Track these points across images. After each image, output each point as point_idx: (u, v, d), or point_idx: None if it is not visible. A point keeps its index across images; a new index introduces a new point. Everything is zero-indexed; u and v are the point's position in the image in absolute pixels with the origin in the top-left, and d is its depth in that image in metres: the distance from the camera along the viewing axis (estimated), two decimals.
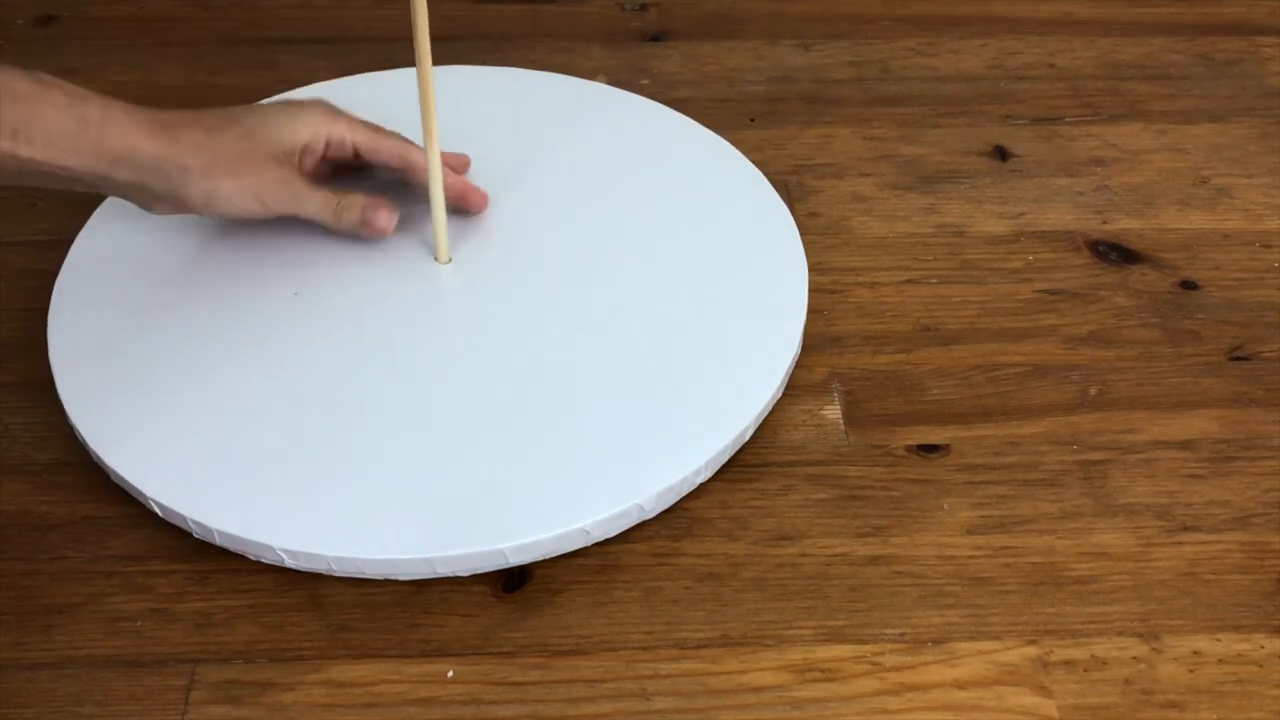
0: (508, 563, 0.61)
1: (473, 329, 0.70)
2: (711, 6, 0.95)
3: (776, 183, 0.78)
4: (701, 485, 0.65)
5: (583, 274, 0.72)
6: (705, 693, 0.58)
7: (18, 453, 0.67)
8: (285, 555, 0.60)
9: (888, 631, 0.60)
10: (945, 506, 0.65)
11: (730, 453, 0.66)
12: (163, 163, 0.65)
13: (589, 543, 0.62)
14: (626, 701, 0.58)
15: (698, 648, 0.60)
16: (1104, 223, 0.79)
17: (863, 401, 0.70)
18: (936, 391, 0.70)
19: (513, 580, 0.62)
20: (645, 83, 0.88)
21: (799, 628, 0.60)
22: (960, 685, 0.58)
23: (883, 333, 0.73)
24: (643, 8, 0.95)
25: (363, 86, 0.83)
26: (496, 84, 0.84)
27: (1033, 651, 0.59)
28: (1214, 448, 0.67)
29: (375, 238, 0.72)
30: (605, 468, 0.63)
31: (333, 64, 0.88)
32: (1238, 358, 0.72)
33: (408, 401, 0.66)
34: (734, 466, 0.66)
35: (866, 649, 0.60)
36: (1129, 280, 0.76)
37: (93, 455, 0.64)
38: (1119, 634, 0.60)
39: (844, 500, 0.65)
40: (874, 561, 0.63)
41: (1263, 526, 0.64)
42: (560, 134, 0.80)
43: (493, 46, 0.91)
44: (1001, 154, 0.84)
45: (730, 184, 0.78)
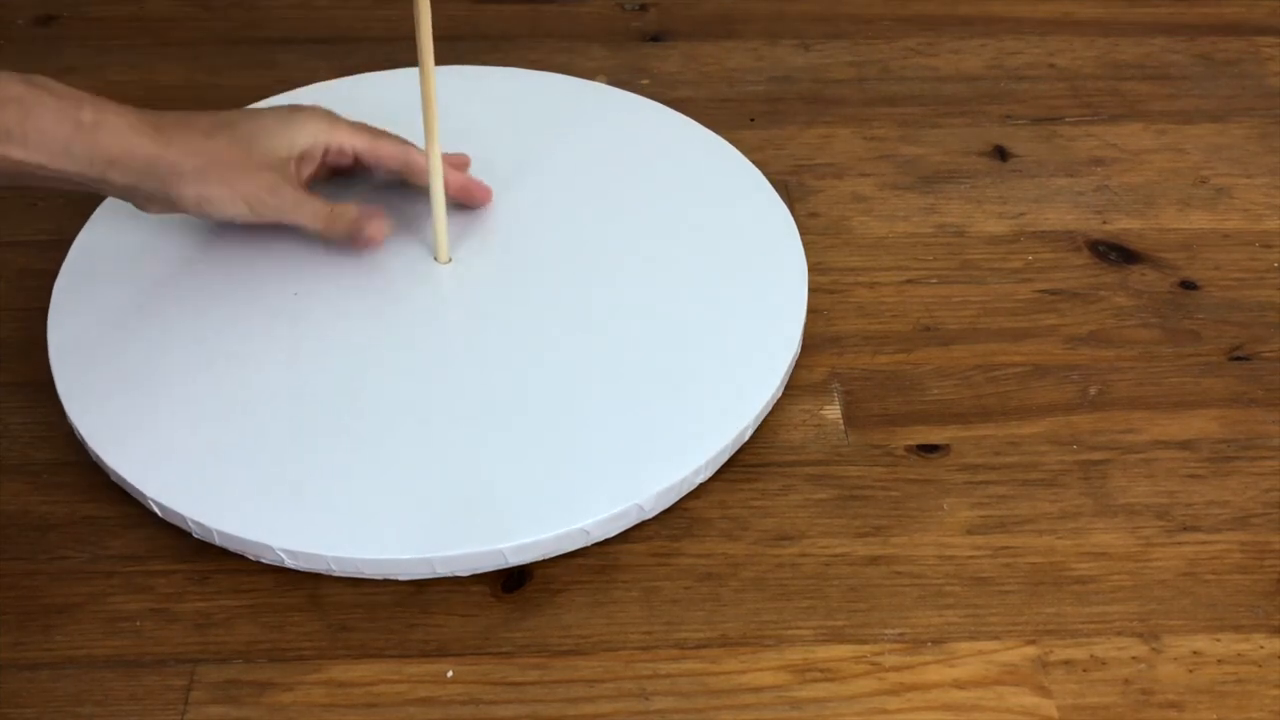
0: (507, 563, 0.61)
1: (473, 329, 0.70)
2: (711, 6, 0.95)
3: (776, 183, 0.78)
4: (701, 485, 0.65)
5: (583, 274, 0.72)
6: (705, 693, 0.58)
7: (18, 452, 0.67)
8: (285, 555, 0.60)
9: (887, 631, 0.60)
10: (945, 506, 0.65)
11: (730, 453, 0.66)
12: (155, 165, 0.65)
13: (589, 543, 0.62)
14: (626, 701, 0.58)
15: (697, 648, 0.60)
16: (1104, 223, 0.79)
17: (863, 401, 0.70)
18: (936, 391, 0.70)
19: (512, 580, 0.62)
20: (645, 83, 0.88)
21: (799, 628, 0.60)
22: (960, 685, 0.58)
23: (883, 333, 0.73)
24: (643, 8, 0.95)
25: (363, 86, 0.84)
26: (496, 84, 0.84)
27: (1032, 651, 0.59)
28: (1214, 448, 0.67)
29: (366, 249, 0.71)
30: (605, 468, 0.63)
31: (333, 64, 0.88)
32: (1238, 358, 0.72)
33: (408, 401, 0.66)
34: (734, 466, 0.66)
35: (866, 649, 0.60)
36: (1129, 280, 0.76)
37: (92, 455, 0.64)
38: (1119, 634, 0.60)
39: (844, 500, 0.65)
40: (874, 561, 0.63)
41: (1263, 526, 0.64)
42: (560, 134, 0.80)
43: (493, 46, 0.91)
44: (1001, 154, 0.84)
45: (730, 184, 0.78)
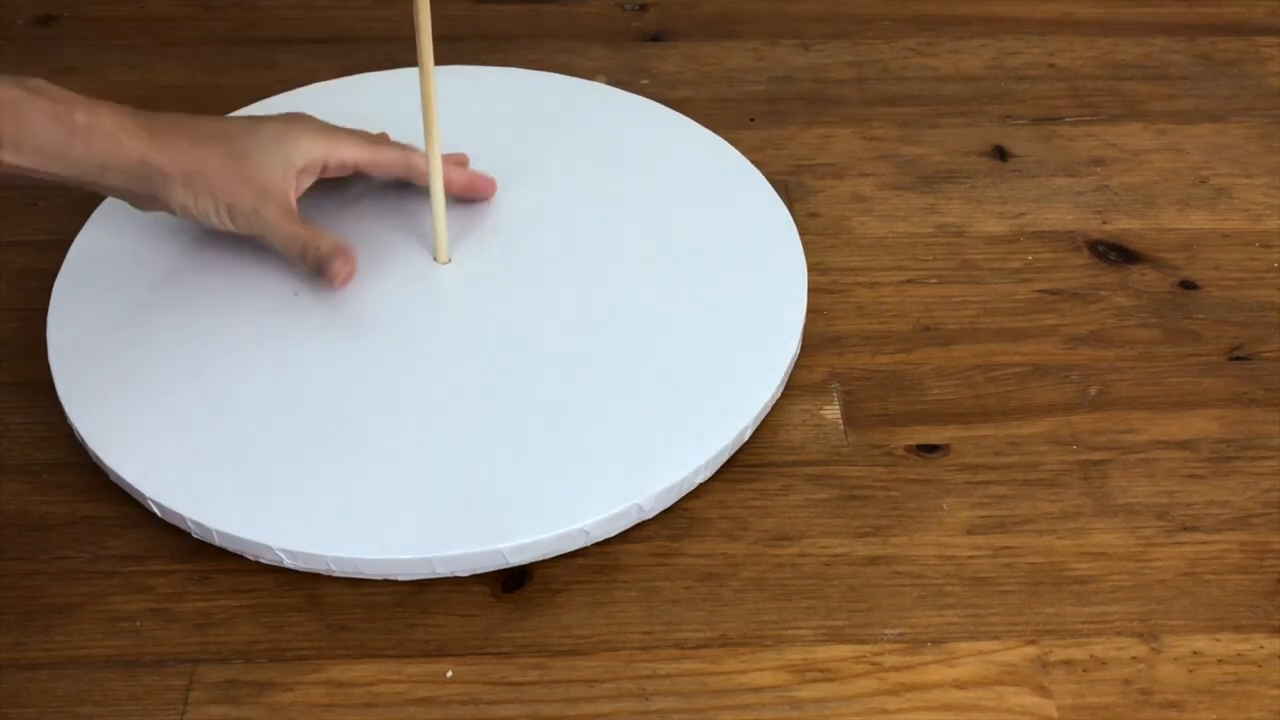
0: (507, 563, 0.61)
1: (473, 329, 0.70)
2: (711, 6, 0.95)
3: (776, 183, 0.78)
4: (701, 485, 0.65)
5: (582, 274, 0.72)
6: (705, 693, 0.58)
7: (18, 453, 0.67)
8: (284, 555, 0.60)
9: (887, 631, 0.60)
10: (945, 506, 0.65)
11: (730, 453, 0.66)
12: (145, 168, 0.65)
13: (588, 543, 0.62)
14: (626, 701, 0.58)
15: (697, 648, 0.60)
16: (1104, 223, 0.79)
17: (862, 401, 0.70)
18: (936, 391, 0.70)
19: (512, 580, 0.62)
20: (645, 83, 0.88)
21: (798, 628, 0.60)
22: (960, 685, 0.58)
23: (882, 333, 0.73)
24: (643, 8, 0.95)
25: (363, 86, 0.84)
26: (496, 84, 0.84)
27: (1032, 651, 0.59)
28: (1214, 448, 0.67)
29: (330, 287, 0.69)
30: (605, 468, 0.63)
31: (333, 64, 0.88)
32: (1238, 358, 0.72)
33: (408, 401, 0.66)
34: (734, 466, 0.66)
35: (866, 649, 0.60)
36: (1129, 280, 0.76)
37: (92, 455, 0.64)
38: (1118, 634, 0.60)
39: (844, 500, 0.65)
40: (873, 561, 0.63)
41: (1262, 526, 0.64)
42: (560, 134, 0.80)
43: (493, 46, 0.91)
44: (1001, 154, 0.84)
45: (730, 184, 0.78)
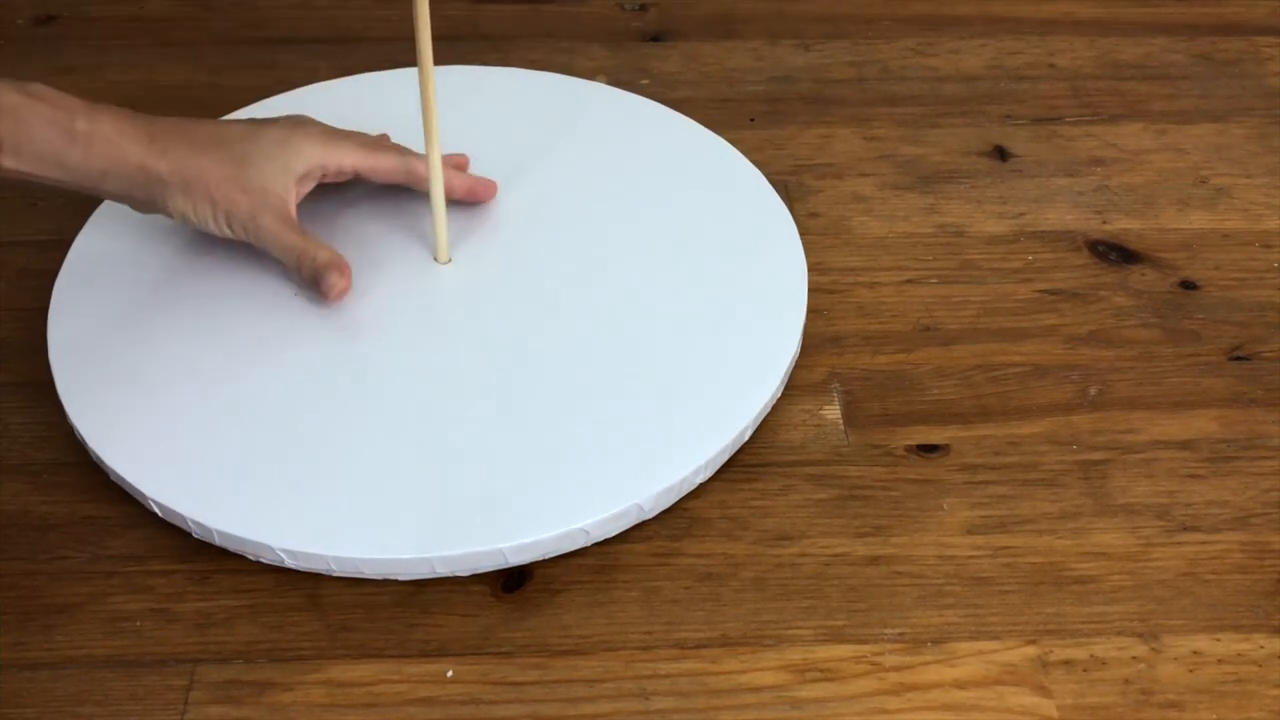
0: (507, 563, 0.61)
1: (473, 329, 0.70)
2: (711, 6, 0.95)
3: (776, 183, 0.78)
4: (701, 485, 0.65)
5: (582, 274, 0.72)
6: (705, 693, 0.58)
7: (18, 453, 0.67)
8: (285, 555, 0.60)
9: (887, 631, 0.60)
10: (945, 506, 0.65)
11: (730, 453, 0.66)
12: (144, 175, 0.66)
13: (589, 543, 0.62)
14: (626, 701, 0.58)
15: (697, 648, 0.60)
16: (1104, 223, 0.79)
17: (862, 401, 0.70)
18: (936, 391, 0.70)
19: (512, 580, 0.62)
20: (645, 83, 0.88)
21: (799, 628, 0.60)
22: (960, 685, 0.58)
23: (883, 333, 0.73)
24: (643, 8, 0.95)
25: (363, 86, 0.84)
26: (496, 84, 0.84)
27: (1032, 651, 0.59)
28: (1214, 448, 0.67)
29: (324, 300, 0.69)
30: (605, 468, 0.63)
31: (333, 64, 0.88)
32: (1238, 358, 0.72)
33: (407, 401, 0.66)
34: (734, 466, 0.66)
35: (866, 649, 0.59)
36: (1129, 280, 0.76)
37: (92, 455, 0.64)
38: (1119, 634, 0.60)
39: (844, 500, 0.65)
40: (874, 561, 0.63)
41: (1263, 526, 0.64)
42: (560, 134, 0.80)
43: (493, 46, 0.91)
44: (1001, 154, 0.84)
45: (730, 184, 0.78)
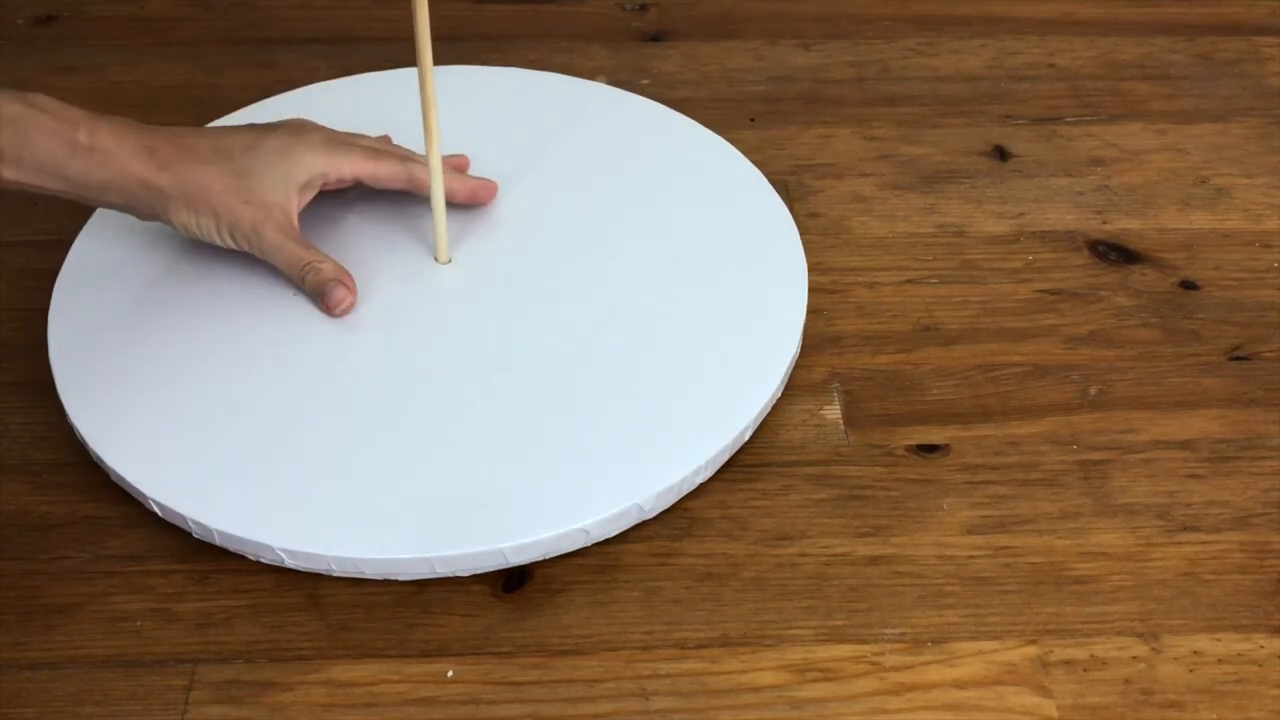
0: (508, 563, 0.61)
1: (473, 329, 0.70)
2: (711, 6, 0.95)
3: (776, 183, 0.78)
4: (701, 485, 0.65)
5: (582, 274, 0.72)
6: (705, 693, 0.58)
7: (18, 453, 0.67)
8: (285, 555, 0.60)
9: (888, 631, 0.60)
10: (945, 506, 0.65)
11: (730, 453, 0.66)
12: (146, 190, 0.66)
13: (589, 543, 0.62)
14: (626, 701, 0.58)
15: (697, 648, 0.60)
16: (1104, 223, 0.79)
17: (863, 401, 0.70)
18: (936, 391, 0.70)
19: (512, 580, 0.62)
20: (645, 83, 0.88)
21: (799, 628, 0.60)
22: (960, 685, 0.58)
23: (883, 333, 0.73)
24: (643, 8, 0.95)
25: (363, 86, 0.84)
26: (496, 84, 0.84)
27: (1032, 651, 0.59)
28: (1214, 448, 0.67)
29: (329, 313, 0.69)
30: (605, 468, 0.63)
31: (333, 64, 0.88)
32: (1238, 358, 0.72)
33: (408, 401, 0.66)
34: (734, 466, 0.66)
35: (866, 649, 0.60)
36: (1129, 280, 0.76)
37: (92, 455, 0.64)
38: (1119, 634, 0.60)
39: (844, 500, 0.65)
40: (874, 561, 0.63)
41: (1263, 526, 0.64)
42: (560, 134, 0.80)
43: (493, 46, 0.91)
44: (1001, 154, 0.84)
45: (730, 184, 0.78)
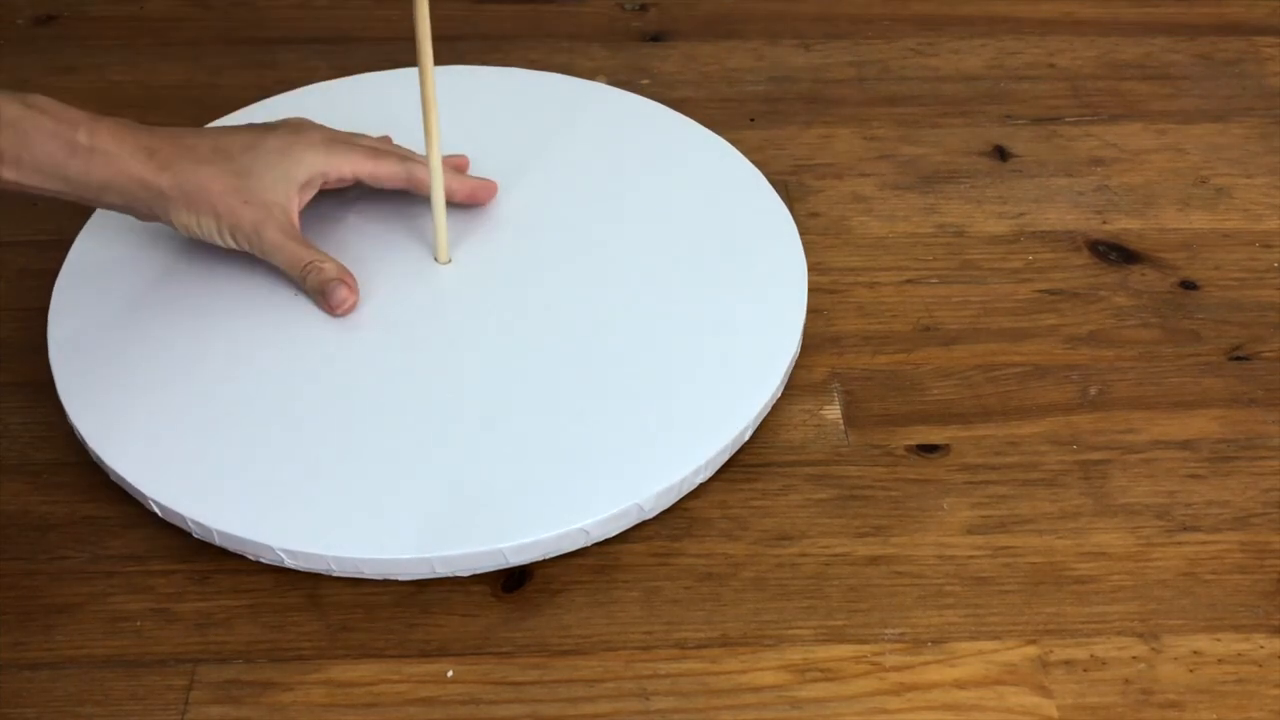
0: (507, 563, 0.61)
1: (473, 329, 0.70)
2: (711, 6, 0.95)
3: (776, 183, 0.78)
4: (701, 485, 0.65)
5: (582, 274, 0.72)
6: (705, 693, 0.58)
7: (18, 453, 0.67)
8: (285, 555, 0.60)
9: (888, 631, 0.60)
10: (945, 506, 0.65)
11: (730, 453, 0.66)
12: (146, 191, 0.66)
13: (589, 543, 0.62)
14: (626, 701, 0.58)
15: (698, 648, 0.60)
16: (1104, 223, 0.79)
17: (863, 401, 0.70)
18: (936, 391, 0.70)
19: (512, 580, 0.62)
20: (645, 83, 0.88)
21: (799, 628, 0.60)
22: (960, 685, 0.58)
23: (883, 333, 0.73)
24: (643, 8, 0.95)
25: (363, 86, 0.84)
26: (496, 84, 0.84)
27: (1032, 651, 0.59)
28: (1214, 448, 0.67)
29: (331, 313, 0.69)
30: (605, 468, 0.63)
31: (333, 64, 0.88)
32: (1238, 358, 0.72)
33: (407, 401, 0.66)
34: (734, 466, 0.66)
35: (866, 649, 0.60)
36: (1129, 280, 0.76)
37: (92, 455, 0.64)
38: (1119, 634, 0.60)
39: (844, 500, 0.65)
40: (874, 561, 0.63)
41: (1263, 526, 0.64)
42: (560, 134, 0.80)
43: (493, 46, 0.91)
44: (1001, 154, 0.84)
45: (730, 184, 0.78)
